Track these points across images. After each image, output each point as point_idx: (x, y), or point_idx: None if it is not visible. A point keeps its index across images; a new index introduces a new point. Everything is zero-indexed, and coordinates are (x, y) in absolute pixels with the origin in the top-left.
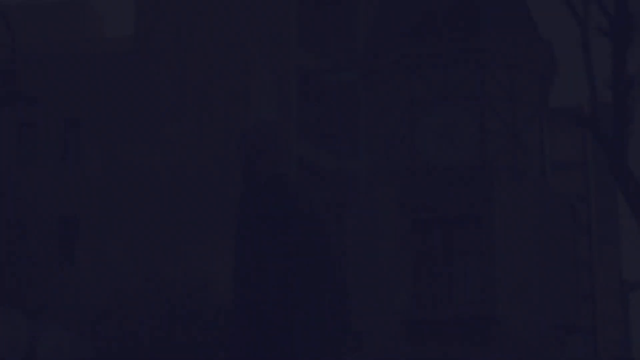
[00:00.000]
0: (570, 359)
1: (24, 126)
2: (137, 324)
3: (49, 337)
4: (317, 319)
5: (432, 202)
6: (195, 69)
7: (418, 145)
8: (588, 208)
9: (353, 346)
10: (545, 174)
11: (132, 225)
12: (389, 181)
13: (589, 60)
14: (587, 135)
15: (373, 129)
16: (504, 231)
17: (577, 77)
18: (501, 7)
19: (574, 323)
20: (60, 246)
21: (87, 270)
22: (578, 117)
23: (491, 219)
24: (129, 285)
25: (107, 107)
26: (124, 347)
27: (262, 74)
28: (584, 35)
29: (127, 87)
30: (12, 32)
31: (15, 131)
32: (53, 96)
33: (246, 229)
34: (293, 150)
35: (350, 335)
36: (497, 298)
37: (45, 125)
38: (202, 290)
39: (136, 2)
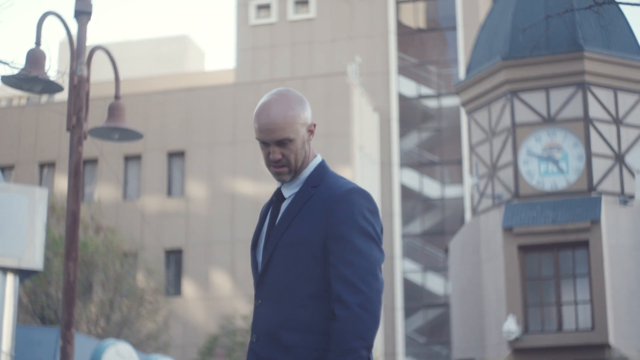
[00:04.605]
0: None
1: (130, 159)
2: (245, 354)
3: None
4: None
5: (539, 227)
6: None
7: (522, 170)
8: None
9: None
10: None
11: (237, 255)
12: (495, 206)
13: None
14: None
15: (476, 155)
16: (613, 255)
17: None
18: (603, 27)
19: None
20: (167, 278)
21: (195, 300)
22: None
23: (599, 243)
24: (236, 314)
25: (210, 139)
26: None
27: (362, 103)
28: None
29: (228, 118)
30: (116, 67)
31: (121, 164)
32: (157, 129)
33: None
34: (395, 178)
35: None
36: (609, 324)
37: (150, 158)
38: None
39: (237, 36)
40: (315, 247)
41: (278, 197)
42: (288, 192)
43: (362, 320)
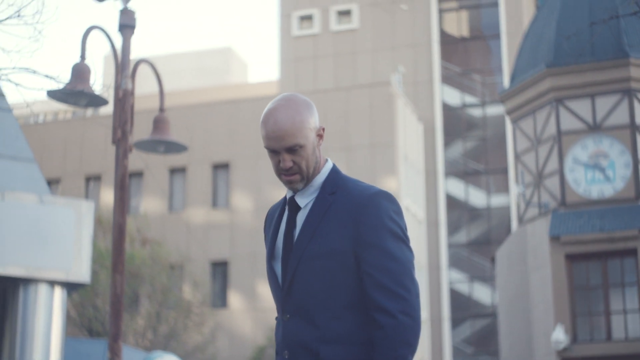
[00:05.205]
0: None
1: (175, 172)
2: None
3: None
4: None
5: (586, 235)
6: (339, 111)
7: (569, 178)
8: None
9: None
10: None
11: None
12: (541, 215)
13: None
14: None
15: (521, 163)
16: None
17: None
18: None
19: None
20: (213, 290)
21: (241, 312)
22: None
23: None
24: None
25: (254, 150)
26: None
27: (406, 113)
28: None
29: None
30: (160, 80)
31: (166, 177)
32: (202, 141)
33: None
34: (440, 187)
35: None
36: None
37: (195, 170)
38: None
39: (280, 47)
40: (345, 257)
41: (292, 206)
42: (303, 201)
43: (408, 326)
